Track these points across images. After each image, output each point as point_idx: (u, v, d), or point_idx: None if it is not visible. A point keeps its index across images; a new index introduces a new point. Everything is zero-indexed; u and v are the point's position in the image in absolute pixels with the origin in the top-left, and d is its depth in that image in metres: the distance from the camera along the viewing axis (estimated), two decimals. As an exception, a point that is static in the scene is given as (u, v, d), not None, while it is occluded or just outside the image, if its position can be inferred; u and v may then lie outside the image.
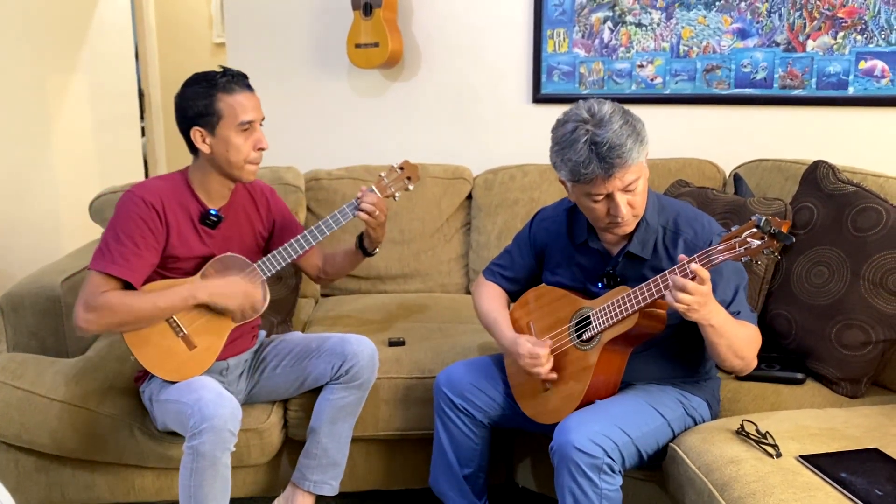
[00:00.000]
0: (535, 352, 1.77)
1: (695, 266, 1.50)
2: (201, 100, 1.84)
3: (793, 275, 2.05)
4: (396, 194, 2.05)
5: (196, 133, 1.86)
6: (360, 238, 2.09)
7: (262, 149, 1.90)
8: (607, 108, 1.62)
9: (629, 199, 1.65)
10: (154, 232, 1.85)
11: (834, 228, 2.00)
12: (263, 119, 1.92)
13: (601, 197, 1.64)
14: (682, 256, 1.55)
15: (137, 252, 1.83)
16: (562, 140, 1.64)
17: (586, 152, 1.59)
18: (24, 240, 3.54)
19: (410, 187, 2.07)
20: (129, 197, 1.86)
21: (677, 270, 1.53)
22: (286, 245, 1.96)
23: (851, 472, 1.46)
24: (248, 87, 1.90)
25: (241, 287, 1.92)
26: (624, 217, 1.65)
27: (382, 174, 2.04)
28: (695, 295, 1.50)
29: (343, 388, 2.01)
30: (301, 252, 1.97)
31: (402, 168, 2.05)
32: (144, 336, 1.87)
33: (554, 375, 1.78)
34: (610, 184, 1.61)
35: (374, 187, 2.01)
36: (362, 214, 1.97)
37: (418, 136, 3.10)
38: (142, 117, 4.94)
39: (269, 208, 2.11)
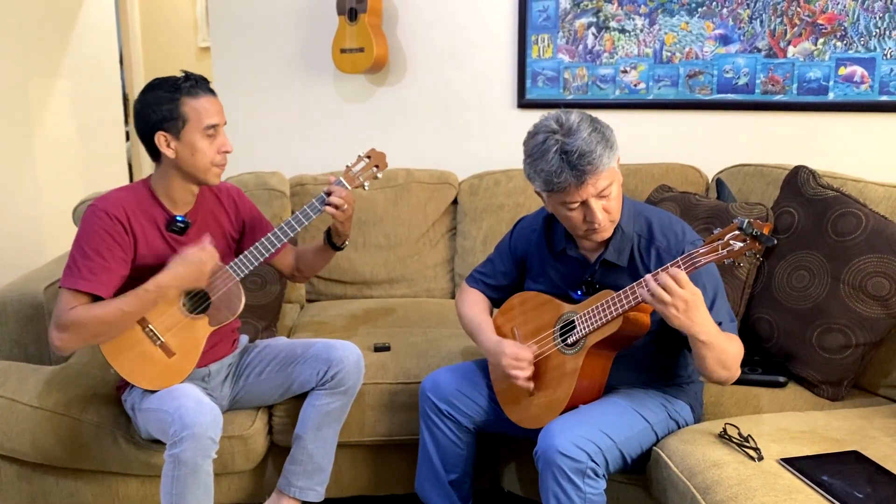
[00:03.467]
0: (519, 354, 1.78)
1: (672, 269, 1.52)
2: (165, 104, 1.82)
3: (774, 279, 2.07)
4: (366, 184, 2.01)
5: (161, 138, 1.84)
6: (328, 233, 2.07)
7: (226, 152, 1.89)
8: (574, 117, 1.64)
9: (604, 205, 1.66)
10: (121, 244, 1.83)
11: (814, 233, 2.02)
12: (225, 123, 1.92)
13: (576, 205, 1.66)
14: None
15: (106, 266, 1.81)
16: (533, 152, 1.66)
17: (557, 161, 1.60)
18: (6, 246, 3.52)
19: (379, 175, 2.03)
20: (93, 211, 1.84)
21: (669, 267, 1.55)
22: (257, 244, 1.93)
23: (832, 474, 1.47)
24: (212, 92, 1.88)
25: (198, 261, 1.85)
26: (601, 223, 1.67)
27: (349, 164, 2.01)
28: (673, 295, 1.51)
29: (328, 393, 2.01)
30: (272, 250, 1.94)
31: (369, 157, 2.01)
32: (121, 347, 1.86)
33: (531, 385, 1.78)
34: (583, 191, 1.62)
35: (342, 179, 1.97)
36: (329, 209, 1.94)
37: (404, 140, 3.10)
38: (126, 122, 4.91)
39: (237, 209, 2.08)
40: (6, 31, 3.52)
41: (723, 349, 1.60)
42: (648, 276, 1.56)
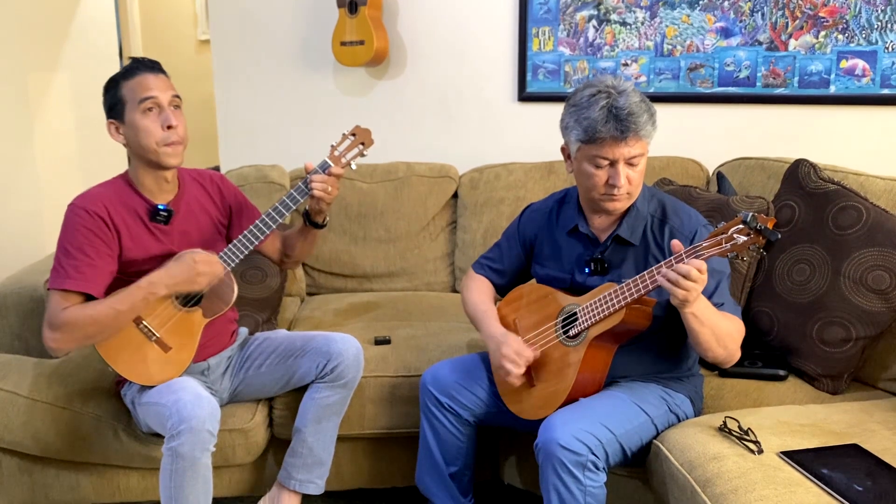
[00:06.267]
0: (522, 351, 1.78)
1: (694, 261, 1.52)
2: (109, 93, 1.85)
3: (775, 272, 2.07)
4: (352, 163, 1.97)
5: (110, 127, 1.86)
6: (307, 214, 2.03)
7: (170, 126, 1.82)
8: (629, 84, 1.71)
9: (629, 174, 1.70)
10: (104, 239, 1.82)
11: (815, 226, 2.02)
12: (177, 98, 1.86)
13: (606, 163, 1.69)
14: (674, 243, 1.56)
15: (91, 263, 1.80)
16: (580, 101, 1.70)
17: (605, 113, 1.65)
18: (6, 240, 3.51)
19: (366, 153, 1.98)
20: (72, 210, 1.83)
21: (673, 261, 1.55)
22: (245, 233, 1.90)
23: (832, 467, 1.47)
24: (153, 70, 1.85)
25: (193, 263, 1.83)
26: (620, 188, 1.70)
27: (334, 143, 1.96)
28: (698, 283, 1.52)
29: (328, 386, 2.01)
30: (261, 237, 1.91)
31: (354, 134, 1.97)
32: (117, 345, 1.85)
33: (517, 383, 1.79)
34: (618, 150, 1.66)
35: (327, 159, 1.94)
36: (317, 192, 1.90)
37: (404, 134, 3.10)
38: (126, 115, 4.90)
39: (222, 195, 2.06)
40: (5, 25, 3.51)
41: (715, 324, 1.63)
42: (654, 271, 1.57)
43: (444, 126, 3.07)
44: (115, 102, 1.84)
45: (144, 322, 1.86)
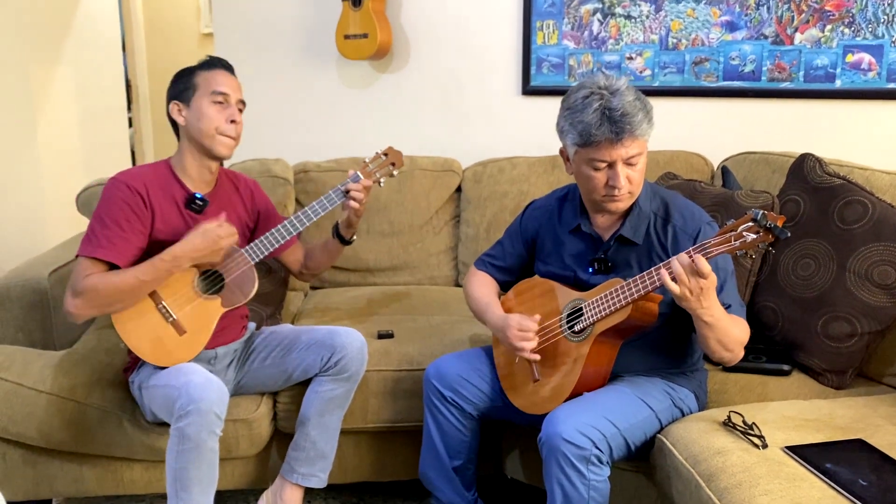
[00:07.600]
0: (524, 324, 1.78)
1: (696, 256, 1.51)
2: (183, 79, 1.96)
3: (780, 267, 2.06)
4: (381, 180, 2.05)
5: (174, 106, 1.94)
6: (336, 227, 2.10)
7: (233, 121, 1.93)
8: (622, 82, 1.67)
9: (628, 174, 1.68)
10: (139, 215, 1.87)
11: (820, 221, 2.01)
12: (242, 103, 1.98)
13: (604, 165, 1.67)
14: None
15: (123, 235, 1.85)
16: (574, 104, 1.67)
17: (598, 116, 1.63)
18: (9, 233, 3.52)
19: (395, 173, 2.07)
20: (113, 183, 1.89)
21: (680, 257, 1.54)
22: (273, 231, 1.97)
23: (836, 462, 1.47)
24: (229, 70, 1.99)
25: (215, 235, 1.87)
26: (621, 189, 1.68)
27: (367, 160, 2.05)
28: (691, 280, 1.51)
29: (332, 380, 2.01)
30: (288, 237, 1.98)
31: (386, 154, 2.06)
32: (134, 322, 1.88)
33: (537, 357, 1.79)
34: (615, 151, 1.64)
35: (359, 173, 2.01)
36: (352, 203, 1.98)
37: (407, 127, 3.09)
38: (129, 108, 4.90)
39: (253, 200, 2.13)
40: (7, 17, 3.50)
41: (725, 332, 1.62)
42: (661, 267, 1.56)
43: (448, 120, 3.06)
44: (186, 87, 1.94)
45: (164, 303, 1.90)
